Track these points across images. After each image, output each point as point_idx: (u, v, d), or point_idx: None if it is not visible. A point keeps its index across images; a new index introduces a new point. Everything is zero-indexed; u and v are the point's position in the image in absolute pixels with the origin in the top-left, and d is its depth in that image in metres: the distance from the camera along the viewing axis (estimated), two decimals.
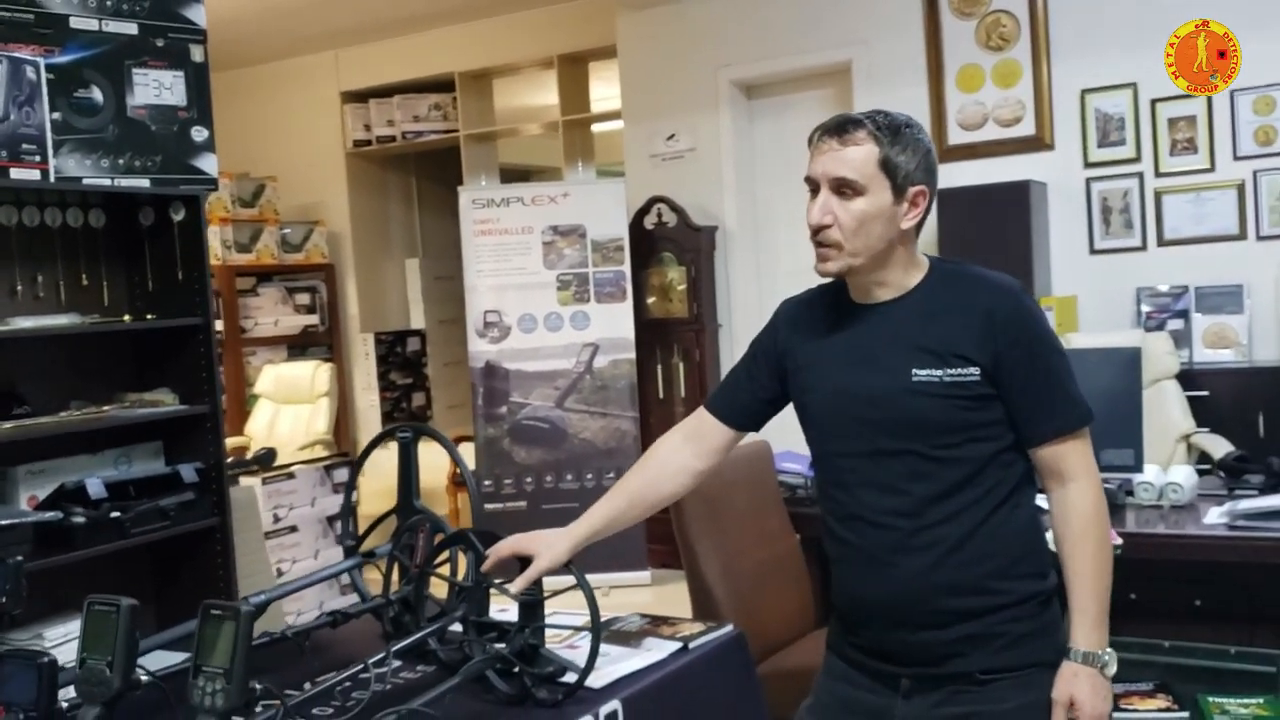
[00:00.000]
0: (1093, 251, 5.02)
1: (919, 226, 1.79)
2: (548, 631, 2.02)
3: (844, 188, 1.72)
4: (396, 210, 8.12)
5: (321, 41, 7.30)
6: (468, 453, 6.10)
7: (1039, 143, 5.08)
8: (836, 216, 1.73)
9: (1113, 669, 1.74)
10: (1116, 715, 2.46)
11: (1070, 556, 1.74)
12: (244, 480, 4.76)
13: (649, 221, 5.93)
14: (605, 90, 7.11)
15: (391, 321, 7.86)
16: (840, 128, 1.74)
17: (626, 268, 5.68)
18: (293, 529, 5.04)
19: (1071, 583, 1.74)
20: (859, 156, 1.71)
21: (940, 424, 1.72)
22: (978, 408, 1.72)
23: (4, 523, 2.77)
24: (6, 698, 1.60)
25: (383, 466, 2.57)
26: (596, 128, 7.34)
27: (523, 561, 1.93)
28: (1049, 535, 1.83)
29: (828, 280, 1.88)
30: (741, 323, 5.80)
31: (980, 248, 4.72)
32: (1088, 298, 4.96)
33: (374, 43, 7.35)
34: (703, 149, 5.96)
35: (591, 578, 5.89)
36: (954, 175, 5.14)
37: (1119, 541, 2.63)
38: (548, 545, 1.91)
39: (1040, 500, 1.83)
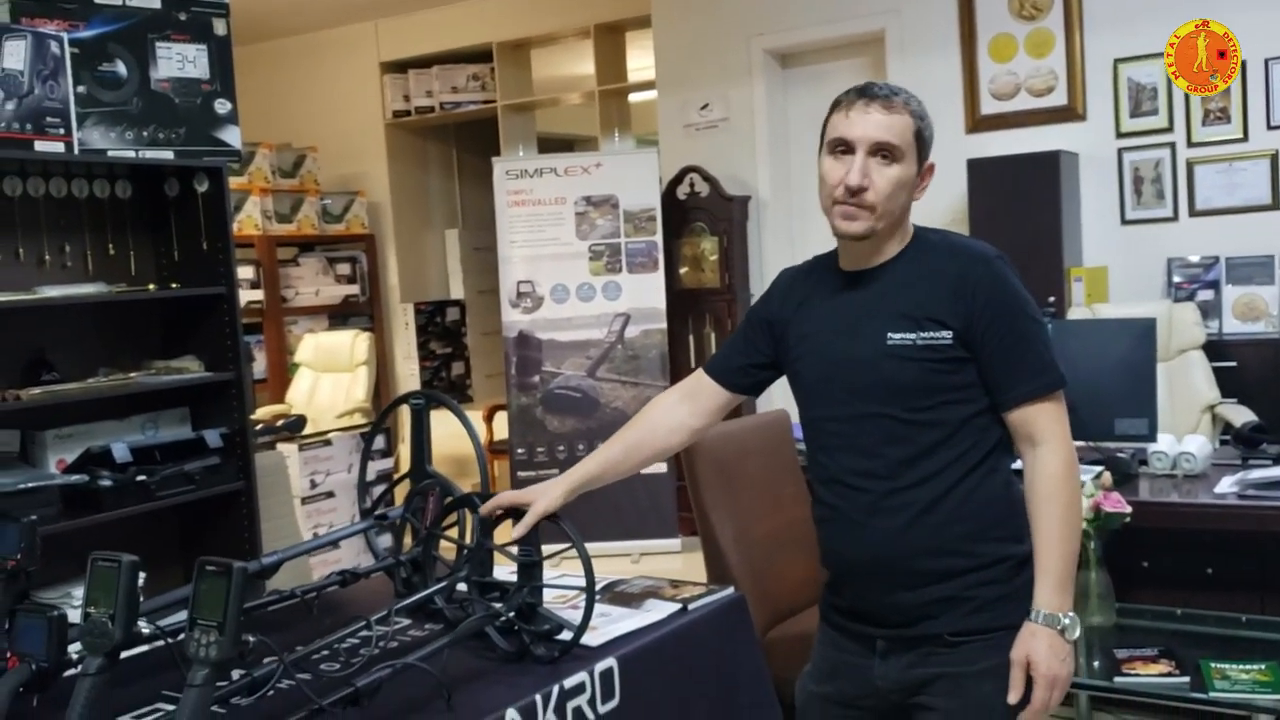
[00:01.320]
0: (1124, 222, 4.96)
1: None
2: (552, 592, 2.07)
3: (885, 151, 1.75)
4: (436, 181, 8.18)
5: (362, 12, 7.36)
6: (502, 422, 6.17)
7: (1071, 113, 5.03)
8: (873, 180, 1.76)
9: (1074, 633, 1.74)
10: (1118, 680, 2.47)
11: (1036, 517, 1.75)
12: (281, 446, 4.86)
13: (681, 191, 5.93)
14: (643, 60, 7.11)
15: (431, 292, 7.94)
16: (883, 93, 1.78)
17: (659, 238, 5.70)
18: (329, 494, 5.14)
19: (1037, 544, 1.75)
20: (901, 124, 1.76)
21: (914, 387, 1.76)
22: (951, 371, 1.75)
23: (32, 485, 2.87)
24: (20, 648, 1.67)
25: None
26: (634, 97, 7.34)
27: (521, 515, 1.98)
28: None
29: (824, 252, 1.92)
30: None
31: (1010, 218, 4.70)
32: (1118, 268, 4.91)
33: (413, 13, 7.39)
34: (736, 118, 5.95)
35: (622, 544, 5.97)
36: (985, 145, 5.11)
37: (1127, 509, 2.64)
38: (543, 493, 1.96)
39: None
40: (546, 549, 1.99)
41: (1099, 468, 2.80)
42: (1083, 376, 3.06)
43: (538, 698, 1.82)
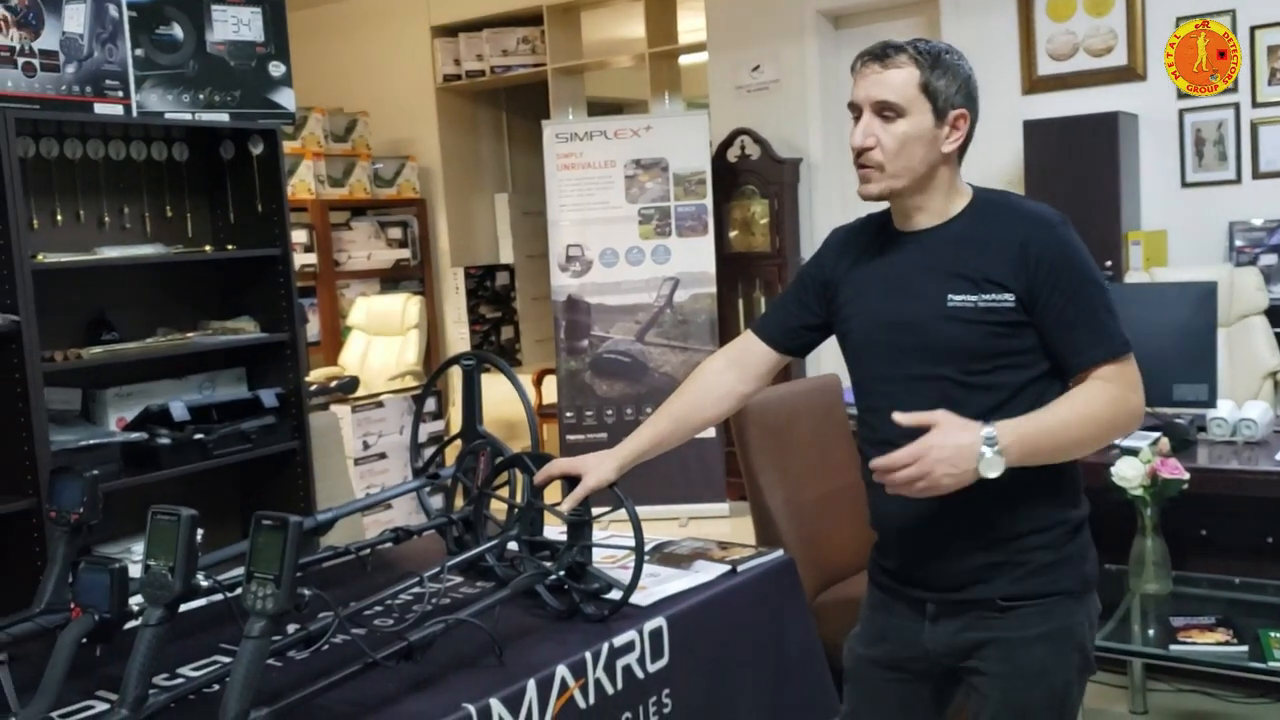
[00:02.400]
0: (1184, 185, 4.86)
1: (962, 152, 1.79)
2: (601, 553, 2.09)
3: (885, 110, 1.73)
4: (486, 145, 8.19)
5: None
6: (550, 386, 6.20)
7: (1131, 73, 4.91)
8: (879, 138, 1.74)
9: (987, 471, 1.60)
10: (1174, 648, 2.44)
11: (1058, 401, 1.70)
12: (334, 407, 4.92)
13: (732, 154, 5.89)
14: (693, 21, 7.04)
15: (481, 256, 7.97)
16: (882, 52, 1.75)
17: (708, 201, 5.67)
18: (382, 455, 5.21)
19: (1040, 412, 1.68)
20: (900, 79, 1.73)
21: (973, 349, 1.73)
22: (1011, 334, 1.72)
23: (94, 442, 2.93)
24: (83, 600, 1.71)
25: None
26: (685, 59, 7.28)
27: (573, 482, 1.99)
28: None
29: (876, 210, 1.89)
30: None
31: (1067, 181, 4.62)
32: (1178, 232, 4.81)
33: None
34: (787, 80, 5.89)
35: (670, 509, 5.97)
36: (1042, 106, 5.02)
37: (1185, 476, 2.60)
38: (595, 465, 1.97)
39: None
40: (595, 510, 2.00)
41: (1157, 434, 2.76)
42: (1141, 341, 2.97)
43: (587, 655, 1.83)
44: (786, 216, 5.77)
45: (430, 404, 5.39)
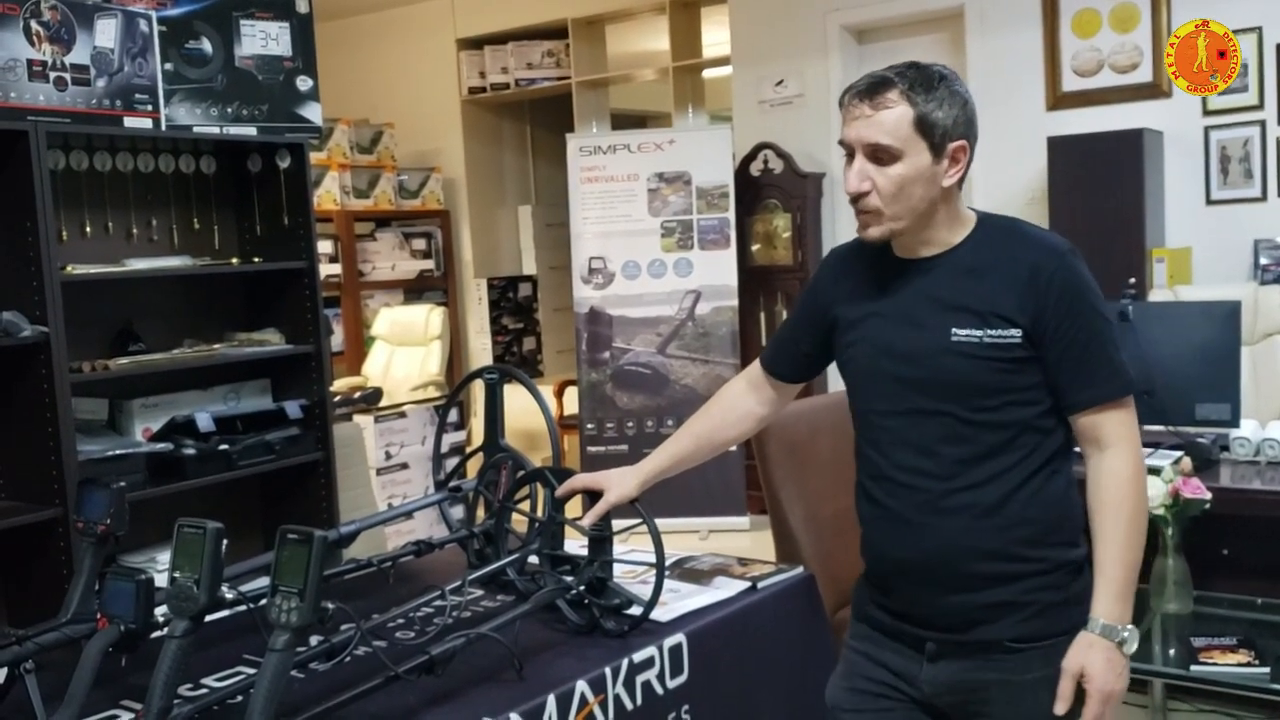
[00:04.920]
0: (1209, 202, 4.83)
1: (962, 180, 1.71)
2: (622, 567, 2.10)
3: (879, 153, 1.65)
4: (511, 157, 8.23)
5: None
6: (572, 397, 6.22)
7: (1156, 90, 4.90)
8: (874, 182, 1.66)
9: (1132, 646, 1.66)
10: (1194, 668, 2.43)
11: (1102, 522, 1.68)
12: (356, 418, 4.95)
13: (755, 168, 5.90)
14: (717, 35, 7.06)
15: (504, 267, 8.00)
16: (871, 90, 1.66)
17: (731, 215, 5.68)
18: (404, 466, 5.23)
19: (1100, 550, 1.67)
20: (892, 119, 1.64)
21: (978, 385, 1.68)
22: (1017, 370, 1.67)
23: (121, 452, 2.96)
24: (109, 610, 1.73)
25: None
26: (708, 73, 7.30)
27: (594, 497, 2.00)
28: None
29: None
30: None
31: (1091, 197, 4.61)
32: (1203, 250, 4.79)
33: None
34: (811, 95, 5.90)
35: (691, 521, 5.98)
36: (1066, 123, 5.01)
37: (1206, 496, 2.59)
38: (617, 481, 1.97)
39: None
40: (616, 524, 2.01)
41: (1179, 453, 2.75)
42: (1163, 360, 3.00)
43: (607, 670, 1.84)
44: (809, 230, 5.78)
45: (452, 415, 5.41)
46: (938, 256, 1.74)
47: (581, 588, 2.01)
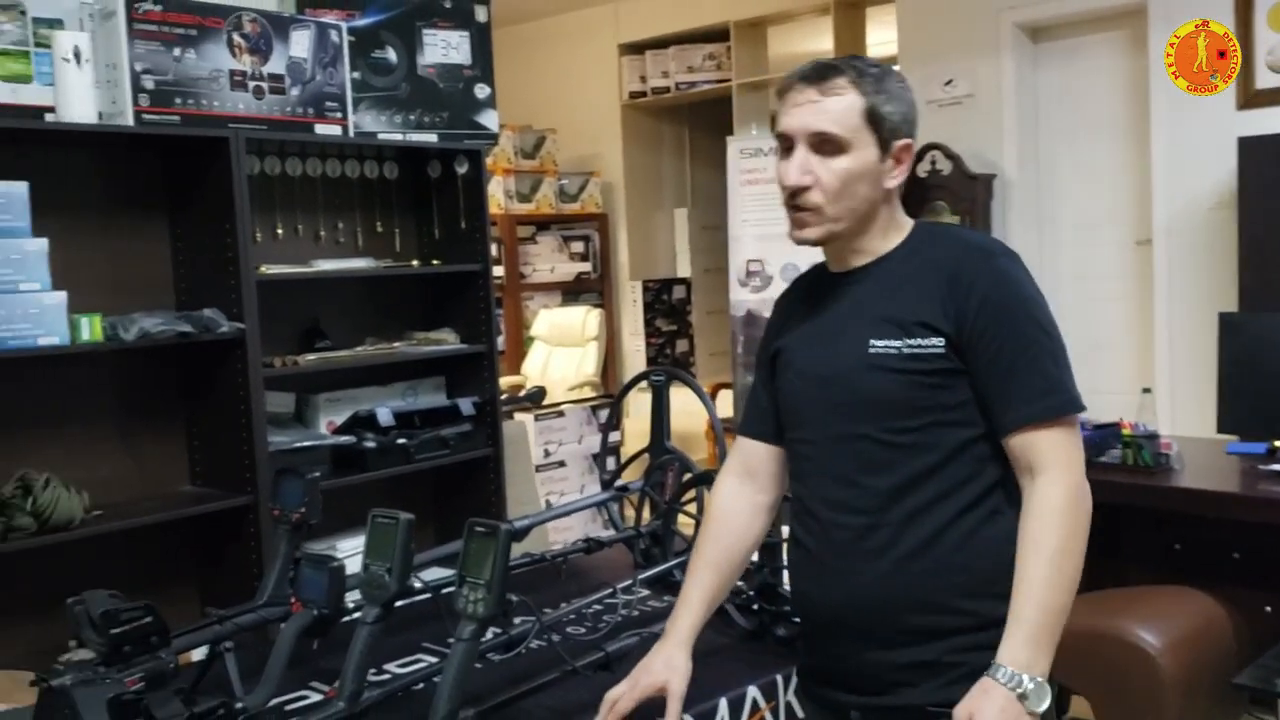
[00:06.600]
0: None
1: (902, 184, 1.58)
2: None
3: (825, 144, 1.51)
4: (668, 161, 8.28)
5: None
6: (726, 400, 6.21)
7: None
8: (817, 176, 1.52)
9: (1039, 703, 1.40)
10: None
11: (1022, 557, 1.45)
12: (518, 416, 5.05)
13: (922, 169, 5.78)
14: (882, 35, 6.96)
15: (659, 270, 8.05)
16: (819, 74, 1.52)
17: None
18: (561, 464, 5.32)
19: (1016, 587, 1.44)
20: (840, 107, 1.51)
21: (898, 403, 1.50)
22: (942, 385, 1.49)
23: (307, 444, 3.10)
24: (303, 595, 1.81)
25: (645, 409, 2.69)
26: None
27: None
28: None
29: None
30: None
31: None
32: None
33: None
34: (982, 95, 5.75)
35: None
36: (1259, 122, 4.75)
37: None
38: (670, 669, 1.62)
39: None
40: (786, 530, 2.00)
41: None
42: None
43: (778, 678, 1.84)
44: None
45: (604, 413, 5.48)
46: (867, 266, 1.59)
47: (751, 593, 2.01)
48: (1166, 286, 5.08)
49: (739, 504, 1.74)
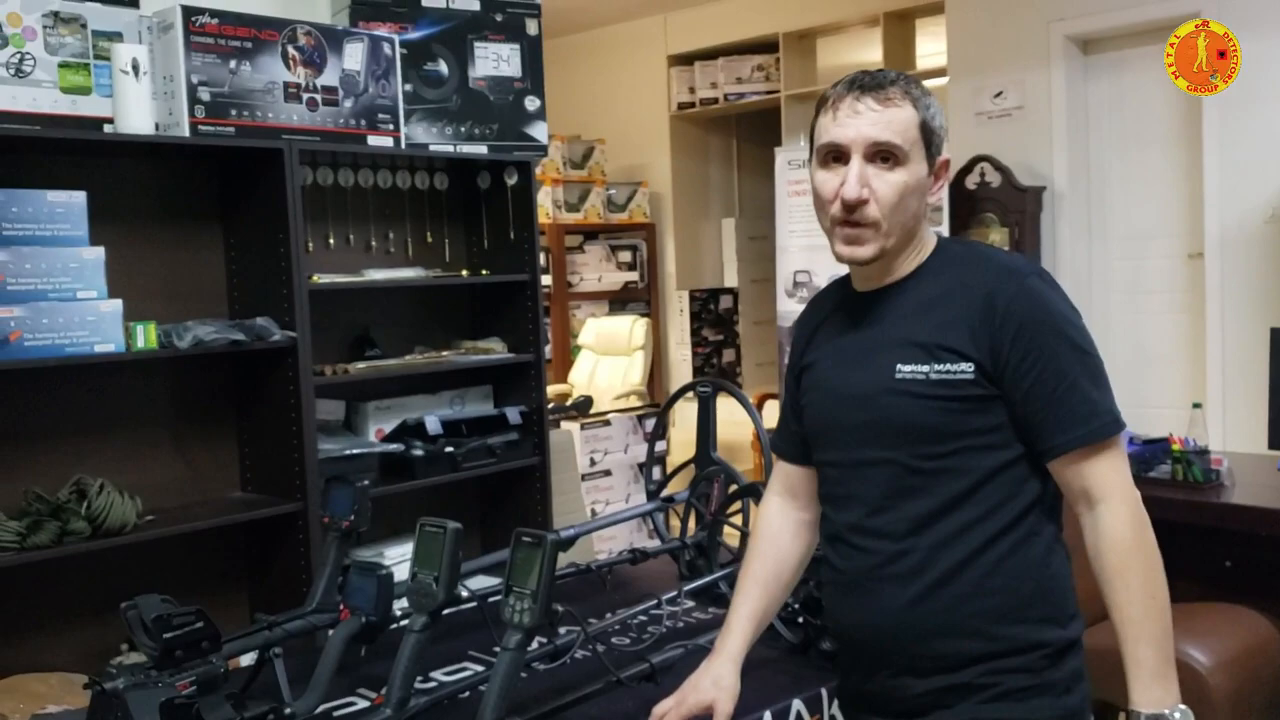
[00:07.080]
0: None
1: (937, 200, 1.57)
2: None
3: (885, 155, 1.48)
4: (716, 171, 8.28)
5: (651, 5, 7.52)
6: (772, 410, 6.20)
7: None
8: (874, 189, 1.47)
9: None
10: None
11: (1112, 598, 1.44)
12: (564, 425, 5.07)
13: (971, 181, 5.75)
14: (932, 46, 6.93)
15: (706, 279, 8.05)
16: (877, 84, 1.49)
17: (945, 228, 5.54)
18: (607, 473, 5.32)
19: (1119, 631, 1.43)
20: (902, 119, 1.47)
21: (927, 429, 1.47)
22: (973, 411, 1.46)
23: (356, 451, 3.13)
24: (352, 602, 1.84)
25: (691, 419, 2.69)
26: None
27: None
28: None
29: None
30: (1068, 288, 5.52)
31: None
32: None
33: (702, 6, 7.49)
34: (1032, 106, 5.70)
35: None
36: None
37: None
38: (719, 687, 1.63)
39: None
40: None
41: None
42: None
43: (823, 691, 1.84)
44: (1027, 246, 5.58)
45: (651, 423, 5.48)
46: (890, 287, 1.57)
47: (796, 606, 2.01)
48: (1219, 300, 5.01)
49: (784, 522, 1.75)
